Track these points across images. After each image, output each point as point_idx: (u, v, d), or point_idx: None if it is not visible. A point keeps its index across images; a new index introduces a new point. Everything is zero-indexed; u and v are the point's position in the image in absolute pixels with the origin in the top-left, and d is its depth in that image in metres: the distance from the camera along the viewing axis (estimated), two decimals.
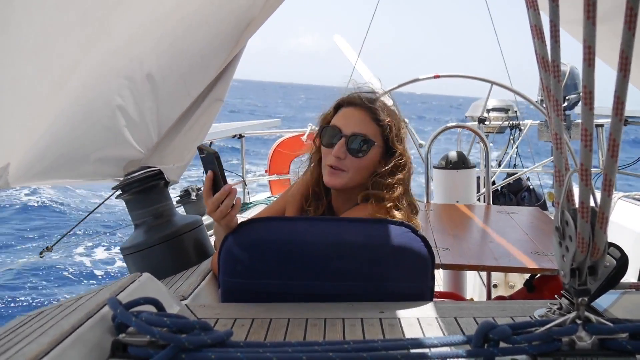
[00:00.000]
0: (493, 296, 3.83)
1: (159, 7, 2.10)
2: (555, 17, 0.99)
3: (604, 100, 1.09)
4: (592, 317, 1.02)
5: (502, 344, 0.99)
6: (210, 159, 1.61)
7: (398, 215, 1.77)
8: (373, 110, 1.84)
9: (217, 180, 1.61)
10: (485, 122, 6.87)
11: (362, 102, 1.86)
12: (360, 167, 1.83)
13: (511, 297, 3.13)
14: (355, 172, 1.84)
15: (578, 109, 6.27)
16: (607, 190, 1.01)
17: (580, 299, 1.04)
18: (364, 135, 1.82)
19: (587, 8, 0.89)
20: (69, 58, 1.84)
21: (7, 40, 1.57)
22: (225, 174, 1.63)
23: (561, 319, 1.03)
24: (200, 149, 1.67)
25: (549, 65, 1.04)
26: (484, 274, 3.84)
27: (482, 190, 4.62)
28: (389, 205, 1.80)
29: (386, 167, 1.84)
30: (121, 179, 2.47)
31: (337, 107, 1.92)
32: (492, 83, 5.45)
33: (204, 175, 1.65)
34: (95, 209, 2.91)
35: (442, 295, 3.16)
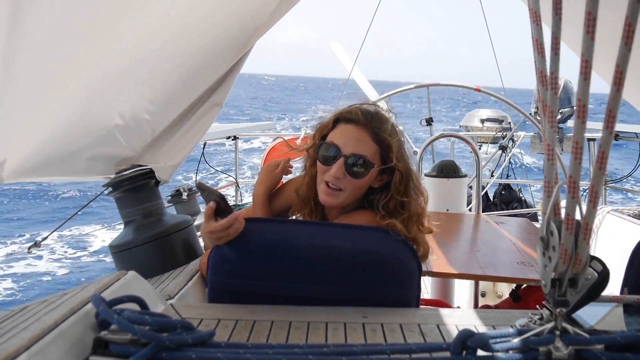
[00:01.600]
0: (480, 305, 3.84)
1: (168, 12, 2.12)
2: (557, 30, 1.00)
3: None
4: (570, 328, 1.04)
5: (480, 352, 1.00)
6: (211, 195, 1.61)
7: (391, 223, 1.75)
8: (372, 128, 1.80)
9: (219, 209, 1.60)
10: (506, 150, 6.88)
11: (361, 119, 1.81)
12: (358, 187, 1.82)
13: (497, 307, 3.15)
14: (353, 191, 1.81)
15: (571, 122, 6.30)
16: (593, 202, 1.02)
17: (559, 310, 1.05)
18: (363, 156, 1.78)
19: (587, 23, 0.90)
20: (74, 59, 1.85)
21: (13, 39, 1.58)
22: (218, 174, 1.63)
23: (539, 329, 1.04)
24: (201, 189, 1.67)
25: (547, 79, 1.04)
26: (472, 282, 3.85)
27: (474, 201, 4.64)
28: (385, 214, 1.80)
29: (383, 182, 1.83)
30: (112, 176, 2.48)
31: (336, 121, 1.87)
32: (525, 116, 5.53)
33: (205, 202, 1.65)
34: (84, 205, 2.91)
35: (429, 303, 3.17)
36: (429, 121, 6.33)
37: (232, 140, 6.80)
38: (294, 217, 2.03)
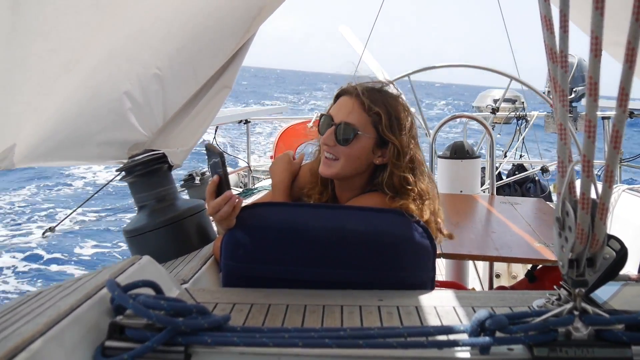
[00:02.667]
0: (495, 286, 3.83)
1: None
2: (565, 7, 0.99)
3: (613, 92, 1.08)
4: (589, 308, 1.02)
5: (498, 334, 0.99)
6: (215, 159, 1.61)
7: (405, 204, 1.74)
8: (364, 99, 1.81)
9: (221, 183, 1.61)
10: (496, 114, 6.87)
11: (355, 91, 1.84)
12: (351, 156, 1.81)
13: (512, 288, 3.13)
14: (347, 161, 1.82)
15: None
16: (609, 181, 1.00)
17: (577, 290, 1.04)
18: (351, 124, 1.80)
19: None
20: (80, 40, 1.84)
21: (18, 21, 1.57)
22: (232, 159, 1.63)
23: (558, 310, 1.03)
24: (207, 148, 1.67)
25: (556, 56, 1.03)
26: (487, 263, 3.84)
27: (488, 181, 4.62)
28: (394, 194, 1.79)
29: (385, 159, 1.83)
30: (125, 161, 2.48)
31: (337, 97, 1.90)
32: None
33: (209, 170, 1.65)
34: (98, 190, 2.92)
35: (443, 284, 3.15)
36: None
37: (244, 124, 6.80)
38: (305, 200, 2.03)
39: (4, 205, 13.76)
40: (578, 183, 1.05)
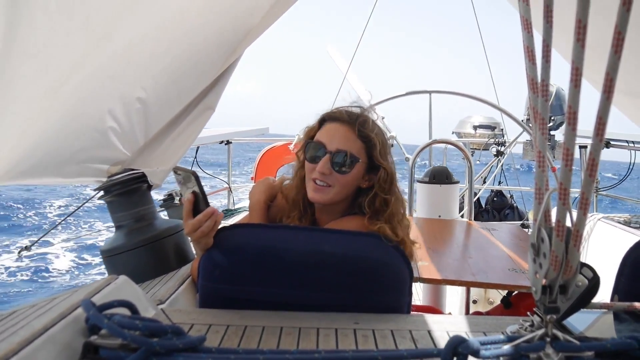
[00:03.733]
0: (472, 311, 3.85)
1: (162, 14, 2.11)
2: (548, 37, 1.01)
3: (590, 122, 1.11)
4: (560, 335, 1.04)
5: (471, 358, 1.00)
6: (189, 179, 1.60)
7: (382, 228, 1.76)
8: (357, 126, 1.83)
9: (198, 202, 1.60)
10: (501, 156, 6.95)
11: (346, 118, 1.85)
12: (346, 183, 1.83)
13: (488, 313, 3.15)
14: (341, 188, 1.83)
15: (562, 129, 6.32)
16: (583, 209, 1.02)
17: (549, 317, 1.05)
18: (349, 152, 1.81)
19: (577, 31, 0.90)
20: (68, 62, 1.85)
21: (10, 43, 1.58)
22: (212, 179, 1.62)
23: (530, 336, 1.04)
24: (176, 171, 1.66)
25: (537, 86, 1.05)
26: (464, 288, 3.85)
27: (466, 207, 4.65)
28: (372, 215, 1.81)
29: (371, 182, 1.85)
30: (104, 180, 2.47)
31: (322, 122, 1.91)
32: (518, 123, 5.57)
33: (181, 195, 1.64)
34: (76, 209, 2.90)
35: (420, 309, 3.17)
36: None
37: (225, 144, 6.79)
38: (285, 223, 2.03)
39: None
40: (554, 211, 1.07)
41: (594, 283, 1.11)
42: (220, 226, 1.65)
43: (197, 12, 2.26)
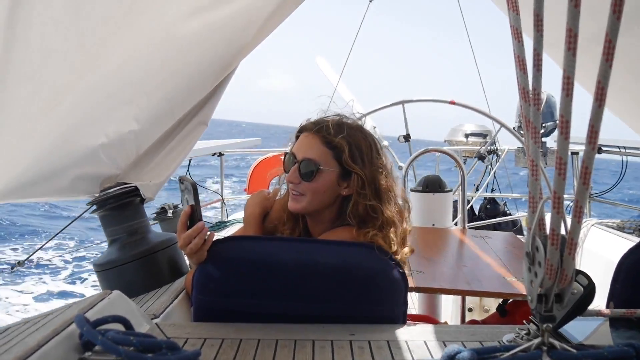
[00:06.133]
0: (467, 320, 3.84)
1: (156, 32, 2.12)
2: (538, 46, 1.01)
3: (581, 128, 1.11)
4: (557, 343, 1.04)
5: None
6: (189, 191, 1.60)
7: (374, 237, 1.75)
8: (322, 132, 1.84)
9: (194, 215, 1.60)
10: (484, 160, 6.97)
11: (311, 127, 1.87)
12: (317, 190, 1.83)
13: (484, 322, 3.14)
14: (313, 196, 1.83)
15: (554, 136, 6.33)
16: (578, 217, 1.02)
17: (545, 325, 1.05)
18: (312, 159, 1.82)
19: (568, 40, 0.91)
20: (63, 81, 1.85)
21: (7, 65, 1.58)
22: (205, 191, 1.62)
23: (526, 345, 1.04)
24: (181, 180, 1.67)
25: (529, 95, 1.05)
26: (459, 297, 3.85)
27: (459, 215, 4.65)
28: (360, 224, 1.80)
29: (351, 190, 1.84)
30: (97, 194, 2.45)
31: (298, 135, 1.93)
32: (508, 130, 5.59)
33: (181, 202, 1.64)
34: (69, 224, 2.88)
35: (416, 318, 3.15)
36: (407, 137, 6.34)
37: (218, 156, 6.77)
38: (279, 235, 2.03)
39: None
40: (548, 217, 1.07)
41: (590, 290, 1.12)
42: (214, 239, 1.64)
43: (191, 29, 2.27)
